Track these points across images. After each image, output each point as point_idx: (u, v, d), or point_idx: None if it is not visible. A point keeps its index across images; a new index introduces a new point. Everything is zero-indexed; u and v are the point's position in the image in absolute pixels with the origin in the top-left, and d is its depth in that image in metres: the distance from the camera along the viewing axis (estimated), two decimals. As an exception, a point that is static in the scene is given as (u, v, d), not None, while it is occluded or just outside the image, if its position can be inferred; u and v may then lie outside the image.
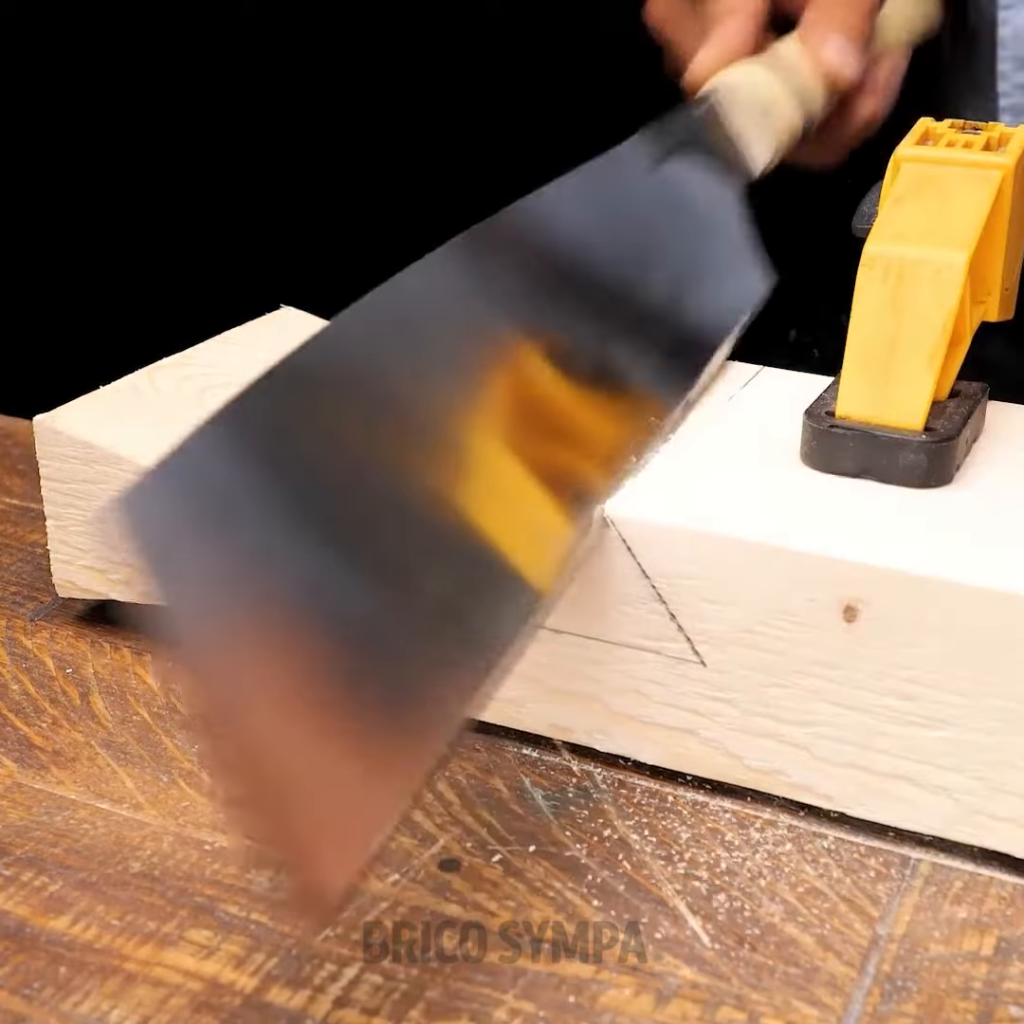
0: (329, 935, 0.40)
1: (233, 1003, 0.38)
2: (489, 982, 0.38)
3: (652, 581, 0.44)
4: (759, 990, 0.38)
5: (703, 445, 0.49)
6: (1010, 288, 0.51)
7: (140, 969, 0.39)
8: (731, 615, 0.43)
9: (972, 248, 0.47)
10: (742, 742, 0.45)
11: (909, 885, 0.42)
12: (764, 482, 0.46)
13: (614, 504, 0.45)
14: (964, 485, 0.46)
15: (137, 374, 0.57)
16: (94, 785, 0.46)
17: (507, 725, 0.48)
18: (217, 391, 0.57)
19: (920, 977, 0.39)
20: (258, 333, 0.62)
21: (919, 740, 0.42)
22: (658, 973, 0.39)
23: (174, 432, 0.53)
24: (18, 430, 0.70)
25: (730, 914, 0.41)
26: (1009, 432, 0.50)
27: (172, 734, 0.49)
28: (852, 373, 0.47)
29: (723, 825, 0.44)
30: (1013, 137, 0.51)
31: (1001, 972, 0.39)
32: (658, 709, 0.46)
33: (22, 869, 0.42)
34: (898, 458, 0.46)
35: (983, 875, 0.42)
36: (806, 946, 0.40)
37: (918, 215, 0.48)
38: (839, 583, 0.42)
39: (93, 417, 0.53)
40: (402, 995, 0.38)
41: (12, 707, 0.50)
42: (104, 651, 0.53)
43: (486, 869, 0.42)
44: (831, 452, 0.47)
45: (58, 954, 0.39)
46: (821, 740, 0.43)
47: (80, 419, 0.53)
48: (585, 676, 0.46)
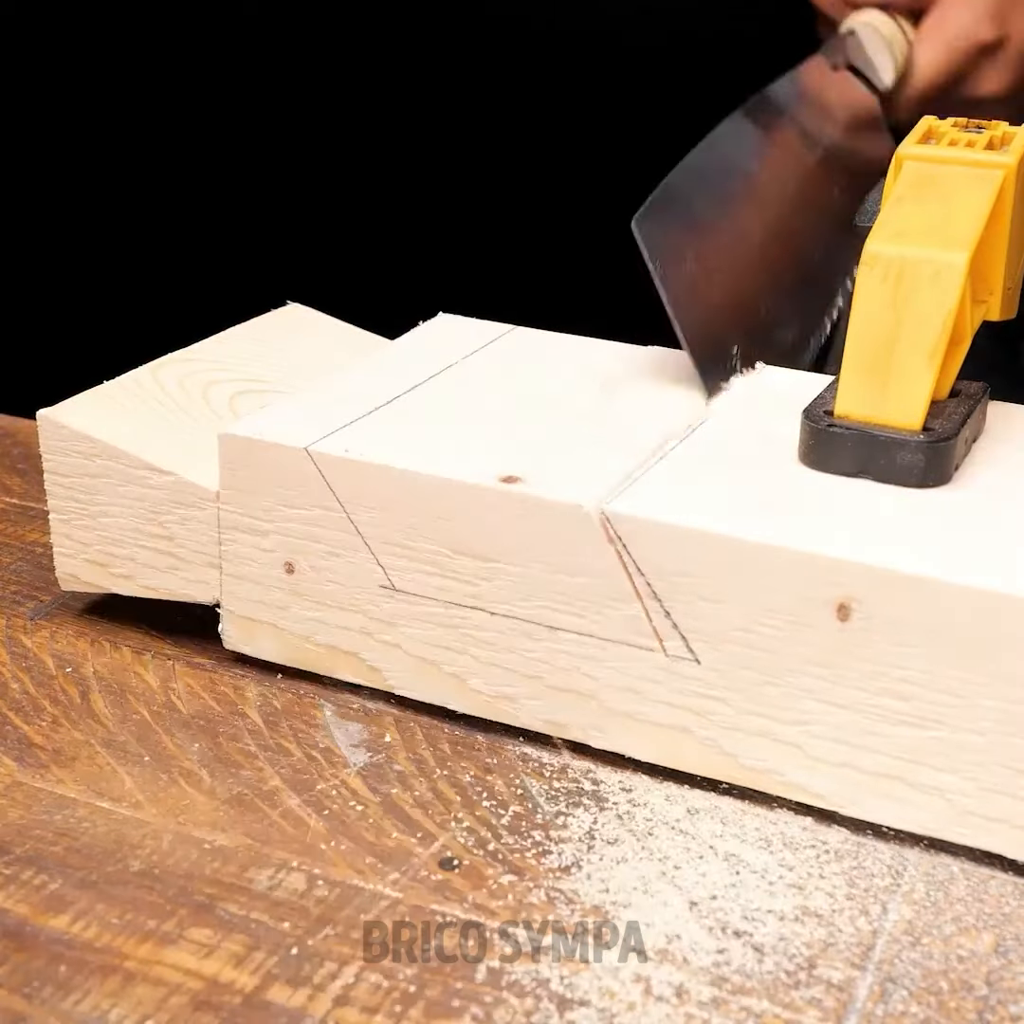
0: (329, 934, 0.40)
1: (233, 1002, 0.38)
2: (489, 982, 0.38)
3: (647, 579, 0.45)
4: (759, 990, 0.38)
5: (700, 443, 0.49)
6: (1012, 287, 0.51)
7: (140, 968, 0.39)
8: (726, 613, 0.44)
9: (973, 248, 0.47)
10: (737, 740, 0.45)
11: (909, 884, 0.42)
12: (761, 481, 0.47)
13: (610, 502, 0.45)
14: (963, 485, 0.46)
15: (141, 370, 0.57)
16: (94, 784, 0.46)
17: (504, 722, 0.48)
18: (221, 387, 0.57)
19: (920, 976, 0.39)
20: (263, 329, 0.62)
21: (912, 740, 0.42)
22: (658, 973, 0.39)
23: (177, 428, 0.53)
24: (18, 429, 0.70)
25: (729, 916, 0.41)
26: (1010, 432, 0.50)
27: (172, 733, 0.49)
28: (851, 372, 0.47)
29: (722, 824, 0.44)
30: (1016, 136, 0.51)
31: (1001, 971, 0.39)
32: (653, 707, 0.46)
33: (22, 868, 0.43)
34: (896, 458, 0.46)
35: (982, 874, 0.42)
36: (806, 947, 0.40)
37: (919, 214, 0.48)
38: (832, 582, 0.42)
39: (97, 412, 0.53)
40: (402, 995, 0.38)
41: (12, 706, 0.50)
42: (104, 650, 0.53)
43: (486, 869, 0.43)
44: (829, 451, 0.47)
45: (58, 953, 0.39)
46: (815, 739, 0.44)
47: (84, 414, 0.53)
48: (581, 673, 0.47)
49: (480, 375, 0.55)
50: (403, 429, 0.50)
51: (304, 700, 0.51)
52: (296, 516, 0.49)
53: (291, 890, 0.42)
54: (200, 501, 0.51)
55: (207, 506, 0.51)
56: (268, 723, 0.49)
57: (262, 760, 0.47)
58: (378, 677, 0.50)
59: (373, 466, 0.48)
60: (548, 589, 0.46)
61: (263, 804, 0.45)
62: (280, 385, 0.58)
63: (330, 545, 0.49)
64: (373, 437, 0.50)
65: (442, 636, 0.48)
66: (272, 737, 0.49)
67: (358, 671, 0.51)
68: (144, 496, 0.52)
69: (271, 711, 0.50)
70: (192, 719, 0.50)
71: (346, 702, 0.50)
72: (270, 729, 0.49)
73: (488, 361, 0.57)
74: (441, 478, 0.47)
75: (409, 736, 0.49)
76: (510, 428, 0.51)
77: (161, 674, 0.52)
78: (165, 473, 0.51)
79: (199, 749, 0.48)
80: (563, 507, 0.45)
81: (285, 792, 0.46)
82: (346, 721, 0.49)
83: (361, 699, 0.51)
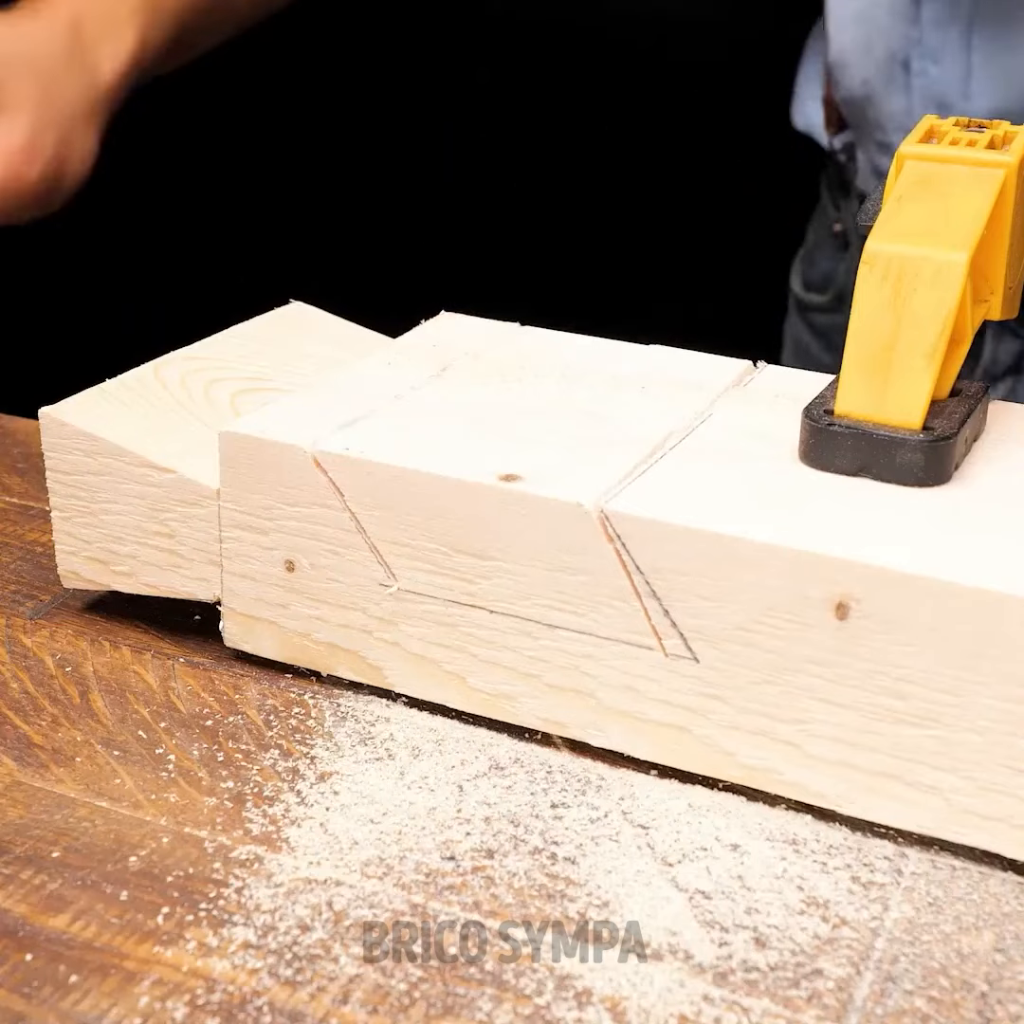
0: (330, 934, 0.40)
1: (233, 1002, 0.38)
2: (489, 982, 0.38)
3: (646, 577, 0.45)
4: (759, 988, 0.38)
5: (700, 442, 0.49)
6: (1013, 287, 0.51)
7: (139, 967, 0.39)
8: (725, 612, 0.44)
9: (973, 248, 0.47)
10: (735, 739, 0.45)
11: (909, 883, 0.42)
12: (760, 479, 0.47)
13: (610, 500, 0.45)
14: (962, 484, 0.46)
15: (143, 368, 0.57)
16: (93, 783, 0.46)
17: (503, 720, 0.48)
18: (223, 385, 0.57)
19: (920, 975, 0.39)
20: (265, 327, 0.62)
21: (910, 739, 0.42)
22: (659, 970, 0.39)
23: (178, 426, 0.53)
24: (17, 428, 0.70)
25: (729, 914, 0.41)
26: (1010, 432, 0.50)
27: (171, 732, 0.49)
28: (851, 371, 0.47)
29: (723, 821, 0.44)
30: (1017, 135, 0.51)
31: (1001, 969, 0.39)
32: (651, 705, 0.46)
33: (21, 867, 0.43)
34: (896, 457, 0.46)
35: (982, 873, 0.42)
36: (806, 945, 0.40)
37: (920, 213, 0.48)
38: (831, 581, 0.42)
39: (99, 410, 0.54)
40: (402, 995, 0.38)
41: (11, 705, 0.50)
42: (103, 649, 0.54)
43: (485, 868, 0.43)
44: (829, 450, 0.47)
45: (57, 952, 0.39)
46: (813, 738, 0.44)
47: (86, 412, 0.53)
48: (580, 672, 0.47)
49: (481, 373, 0.55)
50: (404, 427, 0.50)
51: (304, 699, 0.51)
52: (296, 514, 0.49)
53: (292, 889, 0.42)
54: (201, 499, 0.51)
55: (208, 504, 0.51)
56: (268, 722, 0.49)
57: (262, 759, 0.47)
58: (378, 675, 0.50)
59: (373, 464, 0.48)
60: (547, 587, 0.46)
61: (263, 803, 0.45)
62: (282, 383, 0.58)
63: (330, 543, 0.49)
64: (374, 435, 0.50)
65: (442, 634, 0.49)
66: (272, 736, 0.49)
67: (358, 669, 0.51)
68: (145, 494, 0.52)
69: (271, 710, 0.50)
70: (192, 718, 0.50)
71: (346, 700, 0.50)
72: (269, 728, 0.49)
73: (489, 359, 0.57)
74: (441, 476, 0.47)
75: (409, 734, 0.49)
76: (510, 426, 0.51)
77: (161, 673, 0.52)
78: (166, 471, 0.51)
79: (199, 748, 0.48)
80: (563, 505, 0.45)
81: (285, 791, 0.46)
82: (346, 720, 0.49)
83: (361, 697, 0.51)
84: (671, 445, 0.49)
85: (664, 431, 0.50)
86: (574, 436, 0.50)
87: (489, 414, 0.52)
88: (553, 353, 0.57)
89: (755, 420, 0.51)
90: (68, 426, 0.52)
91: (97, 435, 0.52)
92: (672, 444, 0.49)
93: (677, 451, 0.49)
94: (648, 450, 0.49)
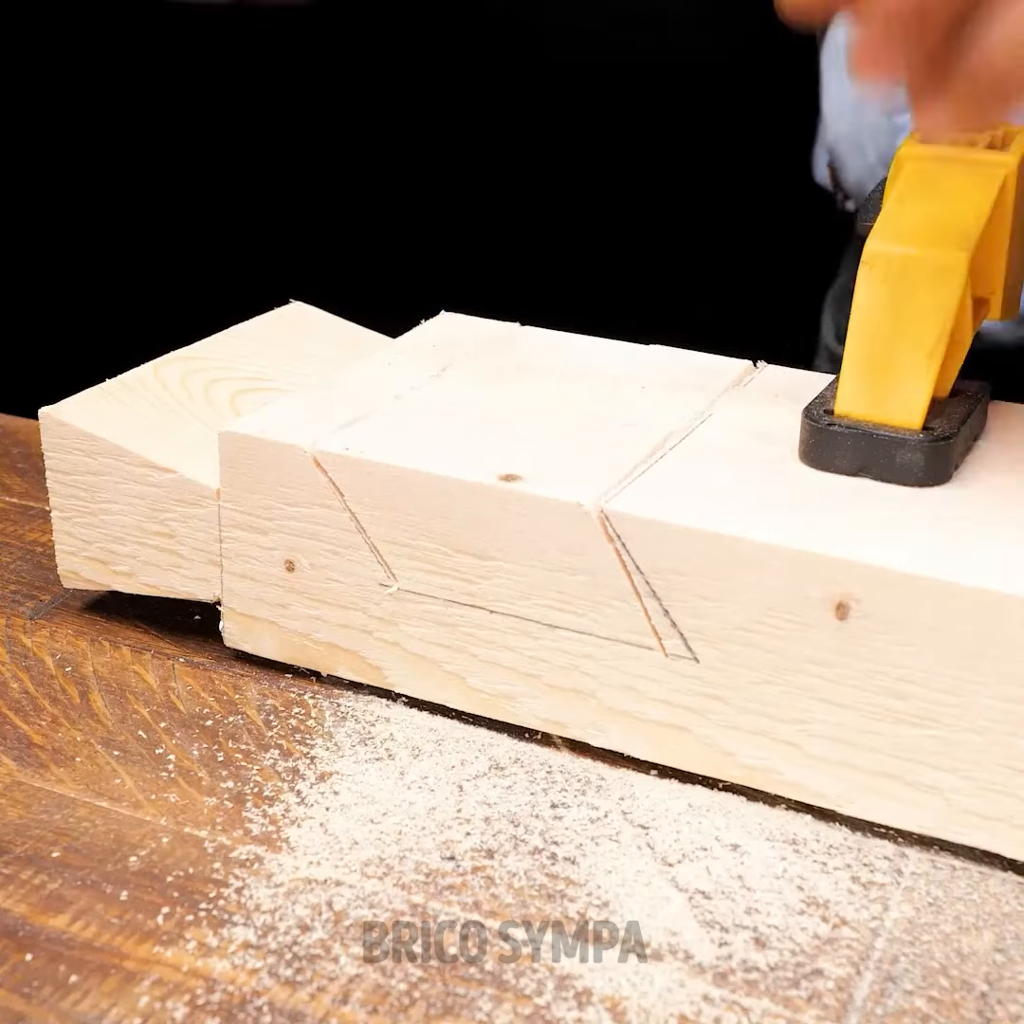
0: (330, 934, 0.40)
1: (232, 1002, 0.38)
2: (489, 982, 0.38)
3: (646, 577, 0.45)
4: (759, 988, 0.38)
5: (700, 442, 0.49)
6: (1013, 287, 0.51)
7: (139, 967, 0.39)
8: (725, 612, 0.44)
9: (973, 248, 0.47)
10: (735, 739, 0.45)
11: (908, 883, 0.42)
12: (760, 480, 0.47)
13: (610, 500, 0.45)
14: (962, 484, 0.46)
15: (143, 368, 0.57)
16: (93, 783, 0.46)
17: (503, 720, 0.48)
18: (223, 385, 0.57)
19: (920, 975, 0.39)
20: (265, 327, 0.62)
21: (910, 739, 0.42)
22: (659, 970, 0.39)
23: (178, 426, 0.53)
24: (17, 428, 0.70)
25: (729, 914, 0.41)
26: (1010, 432, 0.50)
27: (171, 732, 0.49)
28: (851, 371, 0.47)
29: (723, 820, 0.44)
30: (1017, 135, 0.51)
31: (1000, 969, 0.39)
32: (652, 705, 0.46)
33: (21, 867, 0.43)
34: (896, 457, 0.46)
35: (982, 873, 0.42)
36: (806, 945, 0.40)
37: (920, 214, 0.48)
38: (831, 580, 0.42)
39: (98, 410, 0.54)
40: (402, 995, 0.38)
41: (11, 705, 0.50)
42: (103, 649, 0.54)
43: (485, 868, 0.43)
44: (829, 450, 0.47)
45: (57, 952, 0.39)
46: (813, 738, 0.44)
47: (85, 411, 0.53)
48: (580, 672, 0.47)
49: (481, 373, 0.55)
50: (404, 427, 0.50)
51: (304, 699, 0.51)
52: (296, 514, 0.49)
53: (292, 889, 0.42)
54: (201, 499, 0.51)
55: (208, 504, 0.51)
56: (267, 722, 0.49)
57: (262, 759, 0.47)
58: (378, 675, 0.50)
59: (373, 464, 0.48)
60: (547, 587, 0.46)
61: (263, 803, 0.45)
62: (282, 383, 0.58)
63: (330, 543, 0.49)
64: (374, 435, 0.50)
65: (442, 634, 0.49)
66: (272, 736, 0.49)
67: (358, 669, 0.51)
68: (145, 494, 0.52)
69: (271, 710, 0.50)
70: (192, 718, 0.50)
71: (346, 700, 0.50)
72: (269, 728, 0.49)
73: (489, 359, 0.57)
74: (441, 476, 0.47)
75: (409, 734, 0.49)
76: (510, 426, 0.51)
77: (160, 673, 0.52)
78: (166, 471, 0.51)
79: (199, 748, 0.48)
80: (563, 505, 0.45)
81: (285, 791, 0.46)
82: (346, 720, 0.49)
83: (361, 697, 0.51)
84: (671, 445, 0.49)
85: (664, 431, 0.50)
86: (574, 436, 0.50)
87: (489, 414, 0.52)
88: (553, 353, 0.57)
89: (755, 420, 0.51)
90: (68, 426, 0.52)
91: (97, 435, 0.52)
92: (672, 444, 0.49)
93: (677, 451, 0.49)
94: (648, 450, 0.49)
